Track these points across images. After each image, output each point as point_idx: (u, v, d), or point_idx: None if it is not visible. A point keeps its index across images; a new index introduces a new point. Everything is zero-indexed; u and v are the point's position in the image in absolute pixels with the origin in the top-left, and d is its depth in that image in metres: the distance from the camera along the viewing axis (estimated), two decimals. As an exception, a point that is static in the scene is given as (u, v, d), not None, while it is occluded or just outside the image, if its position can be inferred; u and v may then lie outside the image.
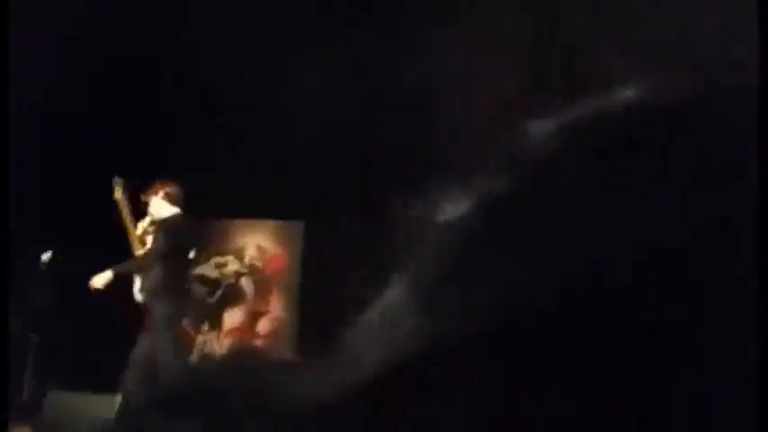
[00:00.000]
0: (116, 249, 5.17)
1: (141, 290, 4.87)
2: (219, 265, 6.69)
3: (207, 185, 6.24)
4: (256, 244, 6.70)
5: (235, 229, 6.76)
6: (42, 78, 5.47)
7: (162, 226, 4.88)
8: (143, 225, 4.99)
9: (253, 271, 6.69)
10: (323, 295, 6.04)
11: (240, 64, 6.10)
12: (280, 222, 6.70)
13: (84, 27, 5.74)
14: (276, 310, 6.57)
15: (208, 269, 6.68)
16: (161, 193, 4.96)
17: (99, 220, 5.44)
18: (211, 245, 6.72)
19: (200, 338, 6.64)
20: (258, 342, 6.53)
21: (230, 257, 6.70)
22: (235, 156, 6.19)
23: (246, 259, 6.69)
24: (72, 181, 5.96)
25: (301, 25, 5.88)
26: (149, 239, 4.96)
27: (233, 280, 6.68)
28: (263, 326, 6.56)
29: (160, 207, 4.94)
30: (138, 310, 4.88)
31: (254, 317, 6.61)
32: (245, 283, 6.67)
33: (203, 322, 6.67)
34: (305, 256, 6.52)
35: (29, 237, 5.44)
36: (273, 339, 6.51)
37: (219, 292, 6.67)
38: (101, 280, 4.81)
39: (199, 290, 6.68)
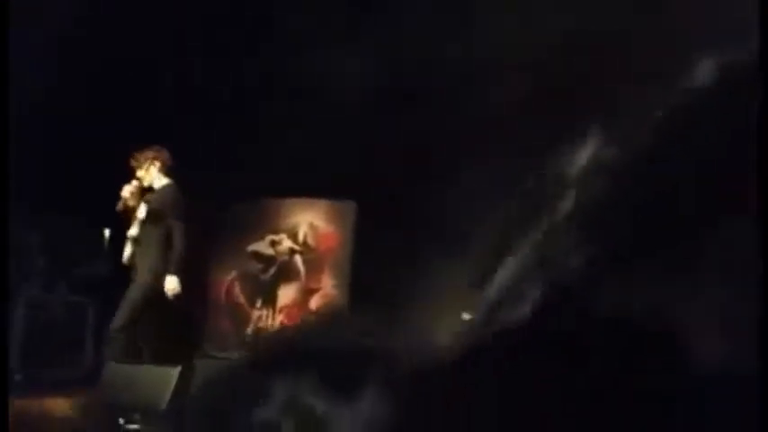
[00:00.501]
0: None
1: (131, 256, 4.99)
2: (274, 243, 6.81)
3: (261, 164, 6.35)
4: (309, 223, 6.79)
5: (288, 208, 6.86)
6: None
7: (158, 198, 4.96)
8: (130, 189, 5.03)
9: (306, 249, 6.78)
10: (373, 274, 6.11)
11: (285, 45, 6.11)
12: (332, 202, 6.77)
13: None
14: (327, 288, 6.65)
15: (263, 246, 6.80)
16: (158, 164, 5.06)
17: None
18: (265, 223, 6.84)
19: (254, 314, 6.77)
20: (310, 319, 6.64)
21: (284, 235, 6.80)
22: (291, 136, 6.27)
23: (300, 237, 6.79)
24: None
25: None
26: (142, 208, 5.02)
27: (287, 257, 6.78)
28: (314, 303, 6.66)
29: (154, 177, 5.04)
30: (128, 271, 5.04)
31: (306, 294, 6.71)
32: (299, 260, 6.76)
33: (258, 298, 6.80)
34: (356, 236, 6.58)
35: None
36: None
37: (274, 269, 6.78)
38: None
39: (253, 266, 6.81)
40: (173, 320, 5.29)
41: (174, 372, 4.24)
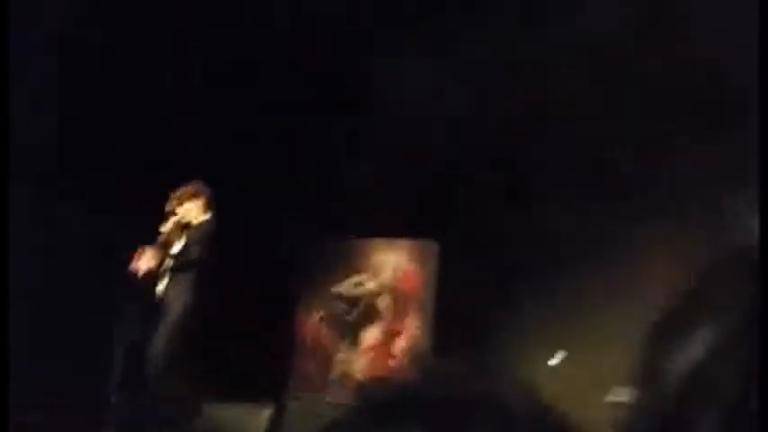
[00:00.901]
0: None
1: (165, 288, 4.92)
2: (357, 284, 6.84)
3: (344, 204, 6.42)
4: (392, 263, 6.80)
5: (371, 249, 6.89)
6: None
7: (197, 233, 4.91)
8: (170, 225, 4.97)
9: (389, 290, 6.79)
10: (457, 316, 6.05)
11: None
12: (414, 242, 6.77)
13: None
14: (411, 329, 6.62)
15: (347, 287, 6.84)
16: (199, 201, 5.02)
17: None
18: (348, 263, 6.89)
19: (339, 356, 6.80)
20: (393, 362, 6.60)
21: (367, 276, 6.83)
22: (371, 175, 6.33)
23: (383, 278, 6.80)
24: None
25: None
26: (176, 244, 4.98)
27: (370, 299, 6.80)
28: (398, 345, 6.63)
29: (194, 212, 4.99)
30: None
31: (390, 336, 6.69)
32: (382, 302, 6.77)
33: (342, 340, 6.82)
34: (439, 276, 6.55)
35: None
36: (408, 358, 6.56)
37: (358, 311, 6.81)
38: (147, 261, 4.77)
39: (338, 307, 6.85)
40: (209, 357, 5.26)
41: (266, 412, 4.29)
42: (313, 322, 6.92)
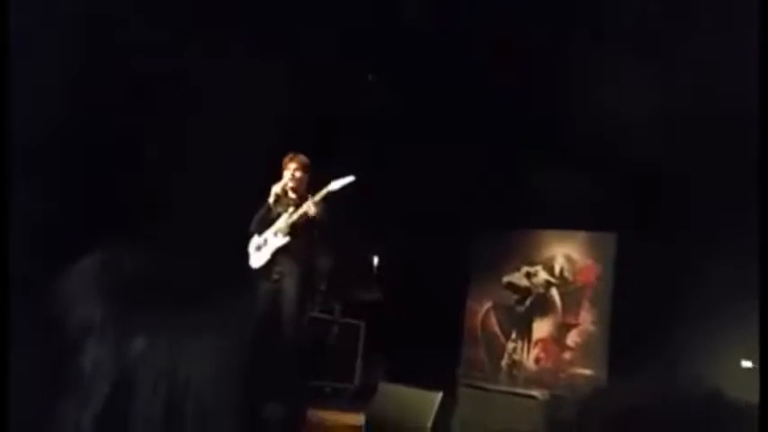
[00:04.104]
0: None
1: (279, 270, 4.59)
2: (529, 275, 6.80)
3: (520, 197, 6.39)
4: (566, 255, 6.68)
5: (544, 240, 6.81)
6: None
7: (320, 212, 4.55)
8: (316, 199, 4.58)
9: (563, 282, 6.68)
10: (636, 309, 5.83)
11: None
12: (590, 234, 6.60)
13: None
14: (586, 323, 6.48)
15: (518, 278, 6.82)
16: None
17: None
18: (521, 254, 6.86)
19: (509, 345, 6.80)
20: (566, 355, 6.50)
21: (539, 267, 6.76)
22: (546, 168, 6.25)
23: (556, 270, 6.71)
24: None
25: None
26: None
27: (542, 290, 6.73)
28: (572, 338, 6.52)
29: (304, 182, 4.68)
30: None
31: (563, 328, 6.59)
32: (555, 293, 6.68)
33: (512, 330, 6.82)
34: (617, 269, 6.35)
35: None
36: (582, 352, 6.43)
37: (529, 302, 6.77)
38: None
39: (508, 297, 6.85)
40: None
41: (437, 396, 4.40)
42: (483, 311, 6.97)
